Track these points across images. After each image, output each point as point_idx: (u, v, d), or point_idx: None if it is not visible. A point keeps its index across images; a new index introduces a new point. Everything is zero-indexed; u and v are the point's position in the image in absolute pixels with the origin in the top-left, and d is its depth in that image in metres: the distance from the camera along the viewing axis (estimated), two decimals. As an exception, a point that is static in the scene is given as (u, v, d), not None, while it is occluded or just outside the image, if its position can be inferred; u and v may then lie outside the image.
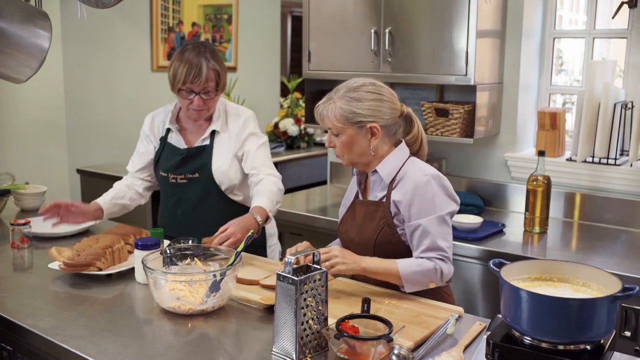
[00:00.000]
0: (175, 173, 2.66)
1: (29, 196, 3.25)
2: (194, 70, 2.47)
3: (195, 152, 2.64)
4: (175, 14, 5.45)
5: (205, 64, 2.49)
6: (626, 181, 3.12)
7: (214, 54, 2.55)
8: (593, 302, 1.51)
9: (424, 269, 2.00)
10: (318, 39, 3.58)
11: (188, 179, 2.65)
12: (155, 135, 2.75)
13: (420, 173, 2.05)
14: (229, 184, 2.63)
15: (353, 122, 2.04)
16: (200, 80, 2.48)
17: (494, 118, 3.39)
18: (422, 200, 2.02)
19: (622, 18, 3.17)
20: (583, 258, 2.69)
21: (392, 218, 2.08)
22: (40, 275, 2.34)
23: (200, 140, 2.65)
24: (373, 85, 2.08)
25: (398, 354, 1.62)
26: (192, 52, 2.51)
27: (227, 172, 2.62)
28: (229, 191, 2.65)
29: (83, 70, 4.84)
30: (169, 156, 2.68)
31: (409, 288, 2.04)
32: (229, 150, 2.63)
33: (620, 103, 3.06)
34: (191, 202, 2.66)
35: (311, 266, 1.74)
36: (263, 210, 2.44)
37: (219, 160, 2.62)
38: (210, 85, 2.52)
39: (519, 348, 1.56)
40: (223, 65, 2.58)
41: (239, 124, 2.66)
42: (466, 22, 3.05)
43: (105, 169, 4.37)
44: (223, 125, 2.66)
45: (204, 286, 1.98)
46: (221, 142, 2.64)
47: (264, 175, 2.58)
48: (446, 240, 2.04)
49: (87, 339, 1.80)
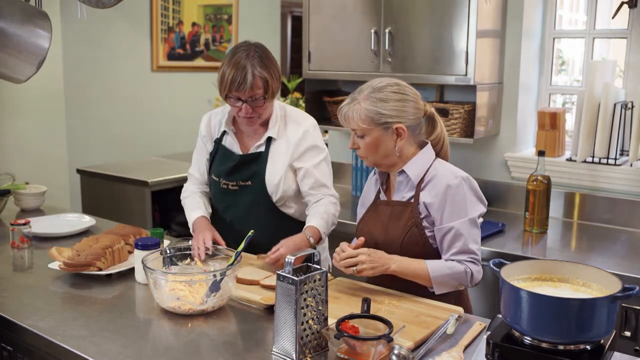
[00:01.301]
0: (227, 179, 2.53)
1: (29, 196, 3.25)
2: (239, 77, 2.31)
3: (249, 158, 2.51)
4: (175, 14, 5.45)
5: (251, 71, 2.32)
6: (626, 181, 3.12)
7: (264, 58, 2.38)
8: (593, 302, 1.51)
9: (455, 271, 2.00)
10: (318, 39, 3.58)
11: (240, 186, 2.52)
12: (212, 135, 2.62)
13: (452, 175, 2.04)
14: (281, 195, 2.49)
15: (379, 123, 2.02)
16: (246, 87, 2.32)
17: (494, 118, 3.38)
18: (453, 203, 2.01)
19: (622, 18, 3.17)
20: (583, 258, 2.69)
21: (420, 219, 2.06)
22: (40, 275, 2.34)
23: (255, 146, 2.51)
24: (397, 85, 2.06)
25: (398, 354, 1.62)
26: (240, 56, 2.35)
27: (280, 183, 2.47)
28: (280, 203, 2.51)
29: (83, 70, 4.84)
30: (222, 161, 2.56)
31: (438, 289, 2.04)
32: (284, 160, 2.48)
33: (620, 103, 3.06)
34: (241, 210, 2.53)
35: (311, 266, 1.74)
36: (317, 231, 2.38)
37: (273, 170, 2.48)
38: (258, 93, 2.35)
39: (519, 348, 1.56)
40: (274, 71, 2.40)
41: (298, 132, 2.49)
42: (466, 22, 3.05)
43: (105, 169, 4.37)
44: (280, 132, 2.50)
45: (204, 286, 1.98)
46: (277, 150, 2.49)
47: (322, 195, 2.49)
48: (476, 242, 2.05)
49: (87, 339, 1.80)
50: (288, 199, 2.53)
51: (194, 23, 5.61)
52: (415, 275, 2.02)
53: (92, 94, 4.93)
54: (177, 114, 5.52)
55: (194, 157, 2.70)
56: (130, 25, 5.14)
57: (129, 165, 4.51)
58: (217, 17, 5.79)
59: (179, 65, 5.52)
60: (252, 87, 2.32)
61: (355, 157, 3.72)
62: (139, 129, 5.28)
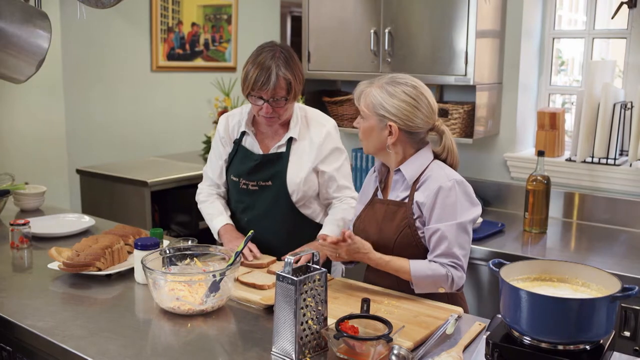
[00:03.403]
0: (247, 179, 2.52)
1: (28, 196, 3.24)
2: (262, 77, 2.32)
3: (270, 158, 2.50)
4: (174, 14, 5.44)
5: (275, 71, 2.32)
6: (625, 181, 3.12)
7: (289, 60, 2.38)
8: (592, 302, 1.51)
9: (436, 273, 2.00)
10: (318, 39, 3.58)
11: (260, 186, 2.51)
12: (230, 137, 2.61)
13: (445, 177, 2.04)
14: (302, 195, 2.49)
15: (377, 114, 2.04)
16: (269, 87, 2.33)
17: (493, 118, 3.39)
18: (443, 205, 2.01)
19: (622, 18, 3.17)
20: (582, 258, 2.69)
21: (413, 219, 2.06)
22: (40, 276, 2.34)
23: (275, 146, 2.51)
24: (415, 89, 2.05)
25: (397, 354, 1.62)
26: (265, 56, 2.36)
27: (301, 183, 2.47)
28: (299, 203, 2.51)
29: (82, 70, 4.83)
30: (243, 161, 2.55)
31: (417, 289, 2.04)
32: (307, 161, 2.49)
33: (620, 103, 3.06)
34: (259, 210, 2.53)
35: (311, 266, 1.74)
36: None
37: (295, 170, 2.48)
38: (280, 93, 2.36)
39: (518, 348, 1.56)
40: (298, 73, 2.40)
41: (321, 134, 2.50)
42: (466, 22, 3.05)
43: (105, 169, 4.37)
44: (302, 133, 2.51)
45: (204, 286, 1.98)
46: (299, 151, 2.50)
47: (345, 197, 2.53)
48: (463, 248, 2.03)
49: (86, 339, 1.80)
50: (308, 199, 2.53)
51: (193, 23, 5.61)
52: (395, 270, 2.04)
53: (92, 94, 4.93)
54: (176, 114, 5.52)
55: (210, 157, 2.70)
56: (129, 25, 5.13)
57: (128, 166, 4.50)
58: (217, 17, 5.79)
59: (179, 66, 5.52)
60: (275, 88, 2.34)
61: (354, 156, 3.72)
62: (138, 129, 5.28)
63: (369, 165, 3.65)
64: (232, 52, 5.91)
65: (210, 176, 2.67)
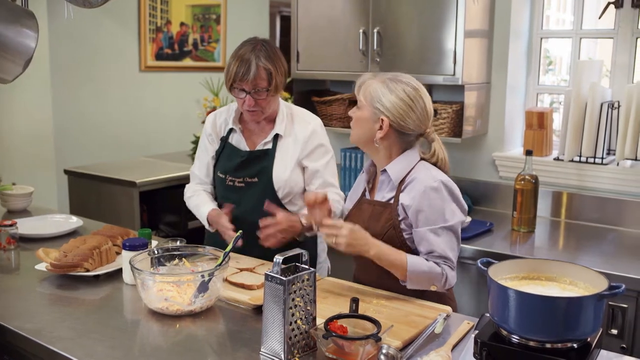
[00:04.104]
0: (234, 175, 2.55)
1: (15, 197, 3.22)
2: (243, 68, 2.37)
3: (257, 155, 2.53)
4: (163, 13, 5.43)
5: (255, 62, 2.37)
6: (613, 180, 3.14)
7: (270, 52, 2.42)
8: (580, 301, 1.52)
9: (433, 271, 2.00)
10: (307, 39, 3.58)
11: (246, 182, 2.53)
12: (218, 134, 2.63)
13: (431, 178, 2.03)
14: (288, 191, 2.51)
15: (372, 105, 2.05)
16: (249, 78, 2.36)
17: (482, 118, 3.40)
18: (431, 208, 2.00)
19: (609, 18, 3.19)
20: (570, 257, 2.70)
21: (398, 221, 2.06)
22: (27, 277, 2.32)
23: (262, 143, 2.53)
24: (415, 90, 2.06)
25: (386, 354, 1.62)
26: (246, 49, 2.41)
27: (288, 179, 2.50)
28: (285, 199, 2.53)
29: (70, 70, 4.81)
30: (229, 157, 2.57)
31: (410, 284, 2.02)
32: (292, 156, 2.51)
33: (607, 103, 3.08)
34: (246, 207, 2.52)
35: (299, 266, 1.74)
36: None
37: (281, 166, 2.51)
38: (261, 84, 2.39)
39: (506, 347, 1.57)
40: (279, 65, 2.44)
41: (307, 130, 2.53)
42: (454, 22, 3.06)
43: (93, 169, 4.35)
44: (287, 129, 2.53)
45: (192, 287, 1.97)
46: (285, 147, 2.52)
47: (331, 192, 2.49)
48: (453, 250, 2.04)
49: (74, 341, 1.79)
50: (294, 195, 2.55)
51: (182, 23, 5.60)
52: (392, 265, 2.01)
53: (80, 94, 4.90)
54: (165, 114, 5.51)
55: (197, 156, 2.71)
56: (118, 25, 5.11)
57: (116, 166, 4.48)
58: (206, 17, 5.78)
59: (167, 65, 5.50)
60: (255, 78, 2.37)
61: (344, 157, 3.72)
62: (126, 129, 5.26)
63: (357, 164, 3.65)
64: (221, 52, 5.90)
65: (197, 174, 2.68)
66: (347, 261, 2.35)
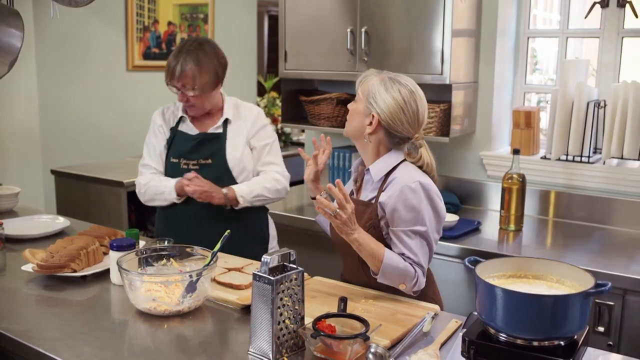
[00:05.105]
0: (188, 158, 2.66)
1: (2, 197, 3.20)
2: (171, 67, 2.56)
3: (209, 137, 2.67)
4: (150, 13, 5.41)
5: (182, 62, 2.54)
6: (599, 179, 3.16)
7: (200, 53, 2.58)
8: (566, 299, 1.53)
9: (406, 270, 1.99)
10: (294, 39, 3.57)
11: (200, 164, 2.64)
12: (167, 124, 2.76)
13: (410, 179, 2.02)
14: (242, 170, 2.66)
15: (367, 100, 2.08)
16: (175, 77, 2.55)
17: (469, 117, 3.41)
18: (405, 208, 2.00)
19: (595, 18, 3.21)
20: (558, 255, 2.72)
21: (378, 220, 2.06)
22: (14, 278, 2.31)
23: (213, 127, 2.69)
24: (411, 93, 2.06)
25: (375, 353, 1.62)
26: (177, 49, 2.59)
27: (241, 157, 2.65)
28: (240, 178, 2.66)
29: (57, 69, 4.78)
30: (182, 142, 2.69)
31: (381, 278, 2.00)
32: (242, 137, 2.68)
33: (593, 102, 3.10)
34: None
35: (287, 266, 1.74)
36: (233, 191, 2.57)
37: (233, 146, 2.66)
38: (187, 83, 2.56)
39: (494, 345, 1.57)
40: (207, 64, 2.59)
41: (253, 113, 2.74)
42: (441, 21, 3.07)
43: (80, 169, 4.33)
44: (235, 115, 2.72)
45: (180, 287, 1.97)
46: (235, 130, 2.69)
47: (271, 171, 2.68)
48: (425, 255, 2.03)
49: (61, 342, 1.78)
50: (247, 175, 2.68)
51: (169, 22, 5.58)
52: (370, 254, 1.98)
53: (66, 94, 4.87)
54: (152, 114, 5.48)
55: (147, 148, 2.79)
56: (105, 24, 5.09)
57: (104, 166, 4.46)
58: (193, 16, 5.76)
59: (155, 65, 5.48)
60: (180, 77, 2.55)
61: (332, 156, 3.72)
62: (114, 129, 5.24)
63: (346, 164, 3.65)
64: (209, 51, 5.88)
65: (150, 164, 2.75)
66: (336, 261, 2.36)
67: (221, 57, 2.68)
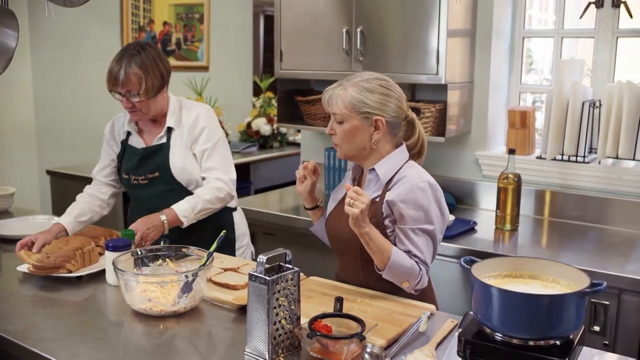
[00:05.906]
0: (136, 174, 2.63)
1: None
2: (114, 73, 2.47)
3: (152, 151, 2.62)
4: (146, 13, 5.40)
5: (125, 67, 2.45)
6: (595, 178, 3.16)
7: (144, 56, 2.49)
8: (562, 298, 1.53)
9: (412, 269, 1.99)
10: (290, 39, 3.57)
11: (149, 179, 2.62)
12: (117, 139, 2.73)
13: (419, 178, 2.04)
14: (189, 179, 2.60)
15: (360, 112, 2.04)
16: (119, 82, 2.46)
17: (465, 117, 3.41)
18: (415, 207, 2.01)
19: (590, 18, 3.22)
20: (553, 255, 2.72)
21: (382, 218, 2.06)
22: (9, 278, 2.30)
23: (157, 138, 2.63)
24: (385, 80, 2.09)
25: (371, 353, 1.62)
26: (121, 54, 2.49)
27: (184, 167, 2.58)
28: (192, 187, 2.61)
29: (52, 69, 4.77)
30: (129, 158, 2.66)
31: (387, 274, 2.00)
32: (183, 145, 2.60)
33: (589, 102, 3.11)
34: (155, 202, 2.58)
35: (283, 266, 1.74)
36: (173, 212, 2.48)
37: (176, 157, 2.59)
38: (132, 88, 2.48)
39: (490, 344, 1.58)
40: (152, 69, 2.49)
41: (191, 117, 2.62)
42: (437, 21, 3.07)
43: (76, 169, 4.32)
44: (177, 121, 2.62)
45: (176, 287, 1.97)
46: (177, 138, 2.61)
47: (211, 179, 2.58)
48: (430, 253, 2.05)
49: (57, 342, 1.78)
50: (197, 182, 2.62)
51: (165, 22, 5.58)
52: (378, 249, 1.97)
53: (62, 94, 4.87)
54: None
55: (100, 160, 2.78)
56: (100, 24, 5.08)
57: (99, 166, 4.45)
58: (189, 16, 5.76)
59: (150, 65, 5.47)
60: (125, 83, 2.46)
61: (327, 156, 3.72)
62: (109, 129, 5.22)
63: (342, 164, 3.66)
64: (205, 51, 5.88)
65: (95, 176, 2.77)
66: (331, 262, 2.36)
67: (165, 60, 2.59)
